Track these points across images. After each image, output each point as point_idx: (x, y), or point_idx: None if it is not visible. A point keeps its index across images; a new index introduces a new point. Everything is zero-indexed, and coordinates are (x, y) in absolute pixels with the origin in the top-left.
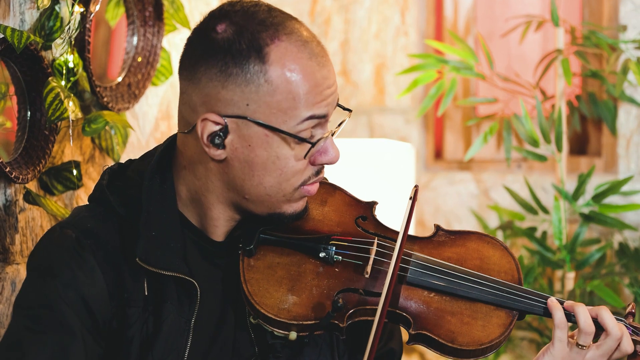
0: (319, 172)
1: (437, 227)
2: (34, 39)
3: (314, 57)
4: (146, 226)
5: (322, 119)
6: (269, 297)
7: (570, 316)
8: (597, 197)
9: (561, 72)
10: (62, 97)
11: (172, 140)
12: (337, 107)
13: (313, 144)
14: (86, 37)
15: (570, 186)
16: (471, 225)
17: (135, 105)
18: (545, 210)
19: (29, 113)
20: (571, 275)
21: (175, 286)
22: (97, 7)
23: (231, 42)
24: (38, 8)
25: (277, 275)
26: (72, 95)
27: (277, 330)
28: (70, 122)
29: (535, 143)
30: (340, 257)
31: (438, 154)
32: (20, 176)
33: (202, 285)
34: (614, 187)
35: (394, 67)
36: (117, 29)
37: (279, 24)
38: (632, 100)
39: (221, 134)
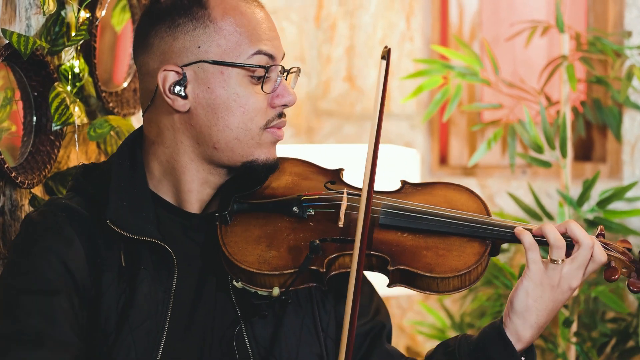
0: (281, 115)
1: (404, 182)
2: (40, 45)
3: (250, 1)
4: (116, 195)
5: (271, 58)
6: (249, 254)
7: (541, 240)
8: (602, 203)
9: (566, 78)
10: (68, 103)
11: (138, 130)
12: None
13: (266, 68)
14: (92, 43)
15: (574, 192)
16: None
17: (140, 111)
18: (549, 216)
19: (34, 118)
20: None
21: (150, 254)
22: (103, 13)
23: (174, 3)
24: (44, 13)
25: (255, 235)
26: (78, 100)
27: (260, 288)
28: (76, 127)
29: (539, 149)
30: (312, 210)
31: (443, 159)
32: (26, 181)
33: (180, 257)
34: (618, 193)
35: (400, 72)
36: (123, 34)
37: None
38: (637, 107)
39: (181, 82)
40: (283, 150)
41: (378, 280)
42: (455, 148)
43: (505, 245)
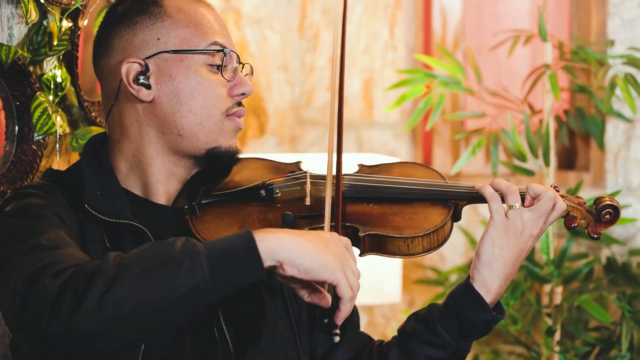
0: (240, 104)
1: (360, 165)
2: (22, 54)
3: (201, 2)
4: (90, 184)
5: (226, 49)
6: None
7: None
8: None
9: (549, 87)
10: (50, 112)
11: (101, 134)
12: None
13: (225, 53)
14: (74, 52)
15: None
16: (460, 242)
17: None
18: None
19: (16, 127)
20: (559, 290)
21: (131, 236)
22: (85, 22)
23: (130, 6)
24: (27, 23)
25: (226, 221)
26: (60, 110)
27: None
28: (58, 136)
29: (522, 157)
30: (279, 192)
31: None
32: (8, 190)
33: (155, 238)
34: None
35: (383, 81)
36: None
37: None
38: (619, 115)
39: (144, 72)
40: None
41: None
42: (438, 157)
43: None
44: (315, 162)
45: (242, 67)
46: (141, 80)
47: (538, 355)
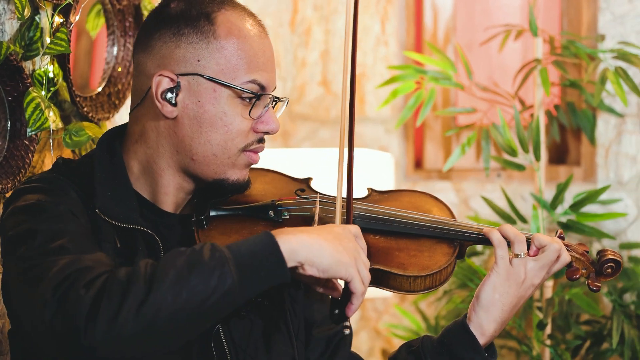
0: (261, 140)
1: (370, 190)
2: (14, 50)
3: (255, 27)
4: (101, 186)
5: (263, 89)
6: None
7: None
8: (575, 206)
9: (540, 82)
10: (43, 107)
11: (120, 127)
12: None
13: (258, 96)
14: None
15: (549, 195)
16: None
17: (115, 115)
18: (523, 220)
19: (8, 123)
20: (550, 284)
21: (142, 241)
22: (77, 18)
23: (183, 11)
24: (18, 19)
25: (232, 238)
26: (53, 105)
27: None
28: (51, 132)
29: (513, 152)
30: (287, 214)
31: (418, 163)
32: (0, 186)
33: (163, 244)
34: (591, 196)
35: (374, 76)
36: (98, 40)
37: (223, 0)
38: (610, 110)
39: (174, 90)
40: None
41: None
42: (430, 152)
43: (479, 248)
44: (325, 182)
45: (275, 104)
46: (168, 97)
47: (529, 349)
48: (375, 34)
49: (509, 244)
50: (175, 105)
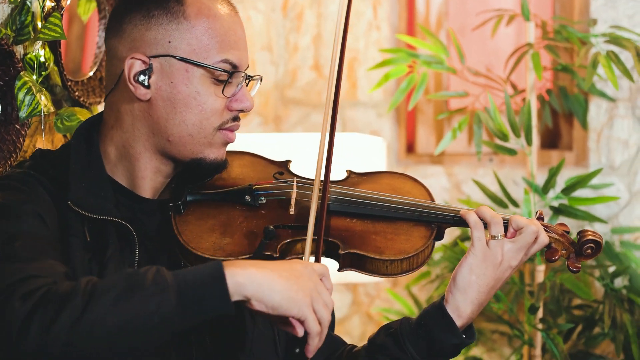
0: (236, 118)
1: (349, 172)
2: (5, 34)
3: (225, 6)
4: (75, 178)
5: (236, 68)
6: (204, 241)
7: (483, 222)
8: (567, 190)
9: (532, 66)
10: (34, 92)
11: (97, 115)
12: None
13: (230, 74)
14: None
15: (541, 180)
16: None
17: None
18: (515, 204)
19: (0, 107)
20: (541, 268)
21: (115, 232)
22: (69, 2)
23: None
24: (10, 2)
25: (209, 224)
26: (44, 89)
27: None
28: (42, 116)
29: (504, 137)
30: (264, 199)
31: (410, 147)
32: None
33: (139, 235)
34: (583, 180)
35: (366, 61)
36: (90, 24)
37: None
38: (602, 94)
39: (147, 72)
40: (250, 139)
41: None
42: (422, 136)
43: None
44: (305, 163)
45: (248, 82)
46: (141, 79)
47: (521, 333)
48: (367, 19)
49: (487, 225)
50: (148, 87)
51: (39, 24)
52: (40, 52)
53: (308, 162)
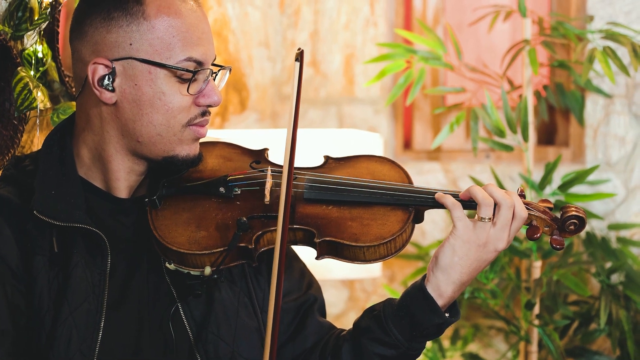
0: (204, 113)
1: (327, 157)
2: (2, 29)
3: (186, 1)
4: (43, 184)
5: (200, 65)
6: (179, 236)
7: (467, 203)
8: (564, 187)
9: (528, 62)
10: (32, 87)
11: (69, 117)
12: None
13: (194, 73)
14: (55, 27)
15: (537, 176)
16: (440, 217)
17: None
18: None
19: None
20: (538, 265)
21: (83, 239)
22: None
23: None
24: None
25: (184, 218)
26: (41, 85)
27: (192, 268)
28: (39, 111)
29: (501, 133)
30: (238, 190)
31: (407, 144)
32: None
33: (112, 240)
34: (579, 177)
35: (364, 57)
36: None
37: None
38: (598, 90)
39: (110, 76)
40: (249, 134)
41: (307, 254)
42: (419, 132)
43: None
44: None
45: (215, 75)
46: (105, 83)
47: (517, 329)
48: (364, 15)
49: (476, 205)
50: (113, 91)
51: (36, 19)
52: (38, 47)
53: (305, 158)
